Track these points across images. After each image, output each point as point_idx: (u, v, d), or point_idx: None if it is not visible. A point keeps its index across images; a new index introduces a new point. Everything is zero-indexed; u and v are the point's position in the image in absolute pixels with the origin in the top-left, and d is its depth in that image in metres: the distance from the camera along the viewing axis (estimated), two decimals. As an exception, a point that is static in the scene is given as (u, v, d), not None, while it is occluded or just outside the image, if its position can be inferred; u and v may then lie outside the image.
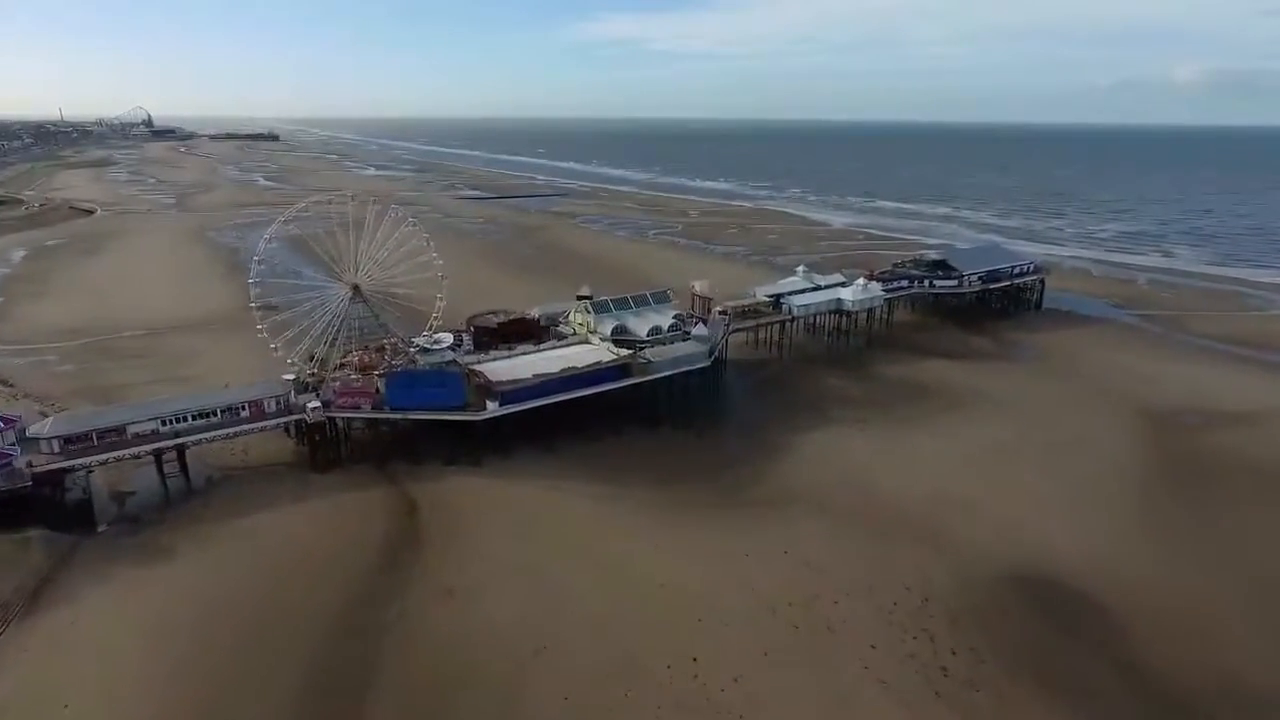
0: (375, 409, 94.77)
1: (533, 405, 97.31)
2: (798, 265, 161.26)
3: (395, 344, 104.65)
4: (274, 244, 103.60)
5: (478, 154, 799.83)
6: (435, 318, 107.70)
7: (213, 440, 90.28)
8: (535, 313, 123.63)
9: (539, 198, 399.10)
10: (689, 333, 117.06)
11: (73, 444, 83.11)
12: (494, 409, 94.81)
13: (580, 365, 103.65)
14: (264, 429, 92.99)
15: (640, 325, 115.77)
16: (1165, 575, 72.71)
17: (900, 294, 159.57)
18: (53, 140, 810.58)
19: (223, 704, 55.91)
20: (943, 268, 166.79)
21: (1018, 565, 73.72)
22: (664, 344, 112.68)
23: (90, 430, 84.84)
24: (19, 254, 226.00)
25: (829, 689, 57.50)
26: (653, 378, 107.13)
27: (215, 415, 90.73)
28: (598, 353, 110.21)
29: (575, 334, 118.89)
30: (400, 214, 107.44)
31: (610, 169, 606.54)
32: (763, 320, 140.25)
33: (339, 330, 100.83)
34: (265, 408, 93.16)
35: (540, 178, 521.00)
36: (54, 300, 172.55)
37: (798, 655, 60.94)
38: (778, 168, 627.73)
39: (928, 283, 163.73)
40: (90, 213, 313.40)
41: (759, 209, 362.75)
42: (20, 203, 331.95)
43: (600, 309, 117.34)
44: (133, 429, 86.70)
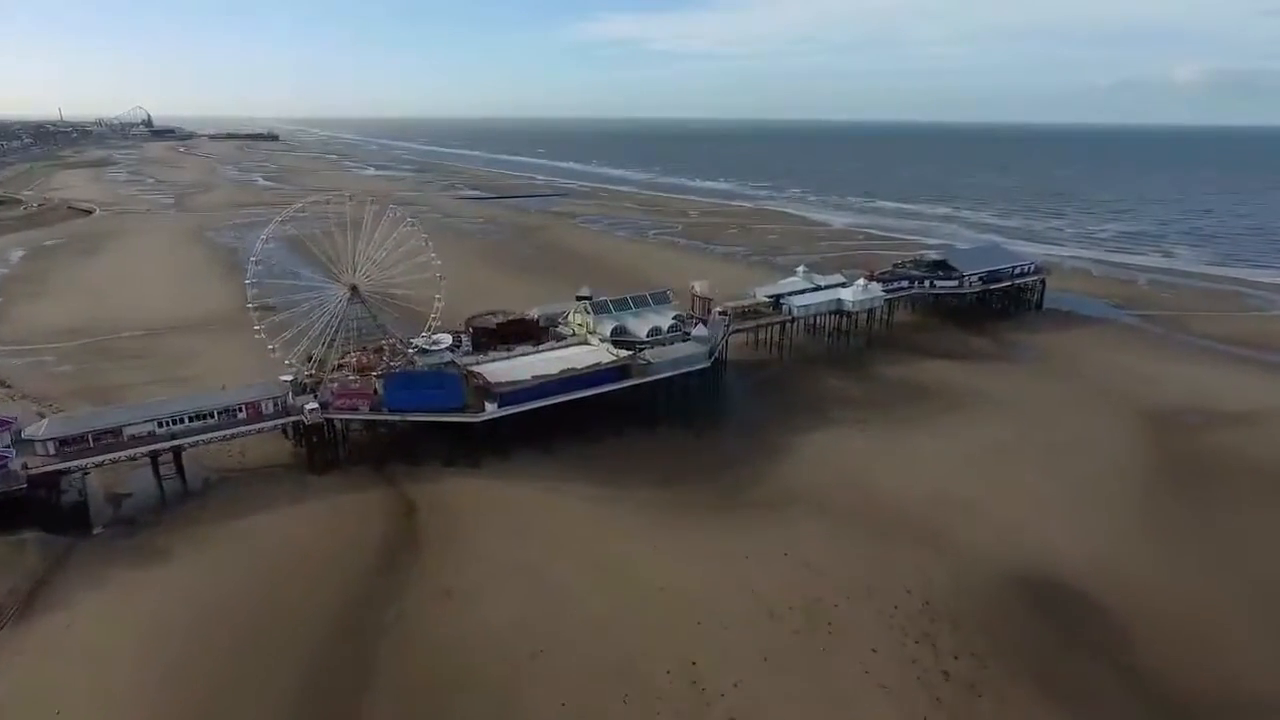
0: (373, 410, 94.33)
1: (532, 406, 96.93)
2: (798, 265, 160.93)
3: (393, 345, 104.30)
4: (271, 244, 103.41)
5: (477, 154, 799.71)
6: (434, 318, 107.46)
7: (209, 442, 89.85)
8: (534, 313, 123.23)
9: (539, 198, 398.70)
10: (689, 333, 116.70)
11: (68, 446, 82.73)
12: (493, 410, 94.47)
13: (579, 366, 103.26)
14: (261, 430, 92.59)
15: (640, 326, 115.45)
16: (1166, 577, 72.42)
17: (900, 294, 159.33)
18: (52, 140, 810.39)
19: (219, 707, 55.59)
20: (943, 268, 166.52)
21: (1018, 566, 73.41)
22: (664, 345, 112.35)
23: (86, 432, 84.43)
24: (17, 254, 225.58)
25: (829, 694, 57.04)
26: (652, 379, 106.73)
27: (212, 417, 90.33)
28: (597, 354, 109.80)
29: (574, 335, 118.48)
30: (399, 214, 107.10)
31: (610, 169, 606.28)
32: (763, 321, 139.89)
33: (337, 331, 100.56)
34: (263, 409, 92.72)
35: (540, 178, 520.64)
36: (52, 300, 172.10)
37: (798, 659, 60.50)
38: (778, 168, 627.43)
39: (928, 283, 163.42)
40: (89, 213, 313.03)
41: (759, 209, 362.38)
42: (19, 203, 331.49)
43: (600, 310, 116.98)
44: (129, 430, 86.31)
